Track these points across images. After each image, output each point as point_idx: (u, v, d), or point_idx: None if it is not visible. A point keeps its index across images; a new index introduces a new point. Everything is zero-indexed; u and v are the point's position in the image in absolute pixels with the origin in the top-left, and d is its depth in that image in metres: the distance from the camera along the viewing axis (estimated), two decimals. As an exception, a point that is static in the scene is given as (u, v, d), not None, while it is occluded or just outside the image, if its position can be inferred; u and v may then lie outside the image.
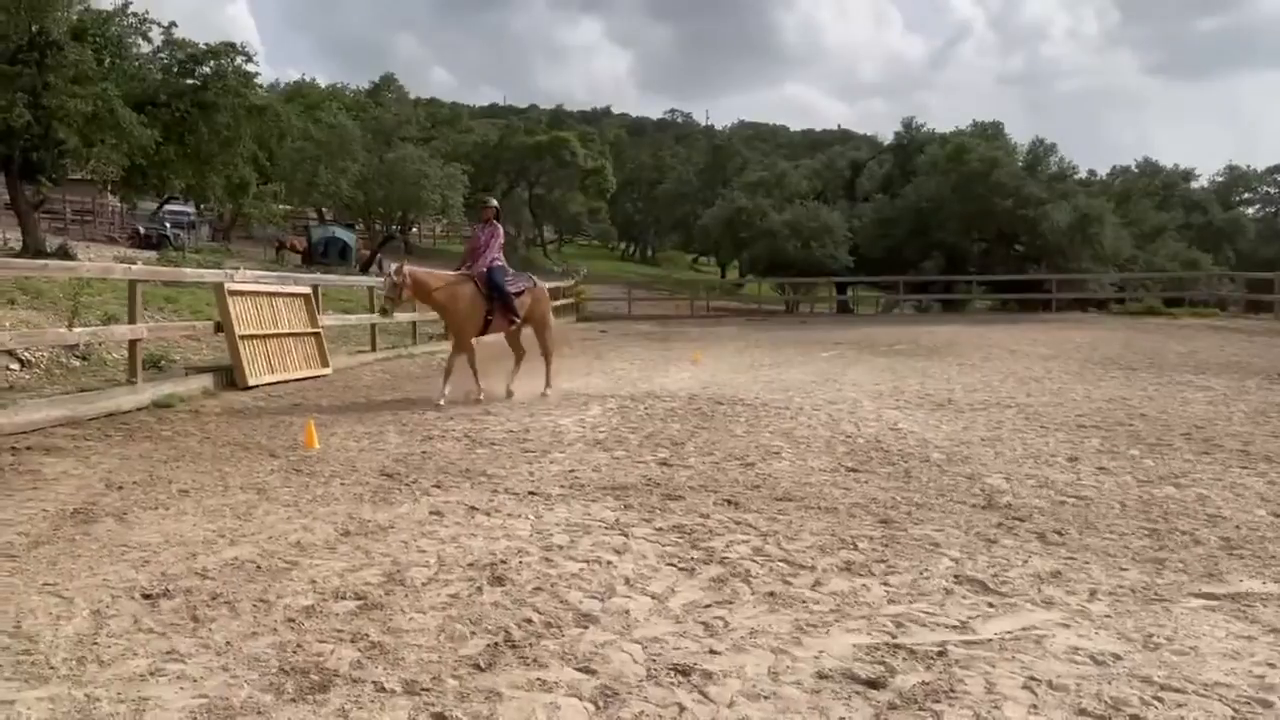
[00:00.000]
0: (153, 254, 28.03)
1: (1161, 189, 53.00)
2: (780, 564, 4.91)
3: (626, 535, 5.41)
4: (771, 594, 4.44)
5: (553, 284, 24.62)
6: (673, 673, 3.51)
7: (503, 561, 4.84)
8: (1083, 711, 3.23)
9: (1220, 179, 63.10)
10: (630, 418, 9.93)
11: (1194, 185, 58.95)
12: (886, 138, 50.71)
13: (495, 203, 12.32)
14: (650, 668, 3.56)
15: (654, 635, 3.89)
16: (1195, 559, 5.11)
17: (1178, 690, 3.41)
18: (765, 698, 3.32)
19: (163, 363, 12.03)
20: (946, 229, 36.37)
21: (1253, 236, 53.76)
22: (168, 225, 40.45)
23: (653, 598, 4.37)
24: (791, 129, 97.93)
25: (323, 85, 54.80)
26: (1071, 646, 3.83)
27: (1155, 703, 3.30)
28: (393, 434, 8.81)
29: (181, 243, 37.09)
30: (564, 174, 60.56)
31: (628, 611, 4.16)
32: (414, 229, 57.28)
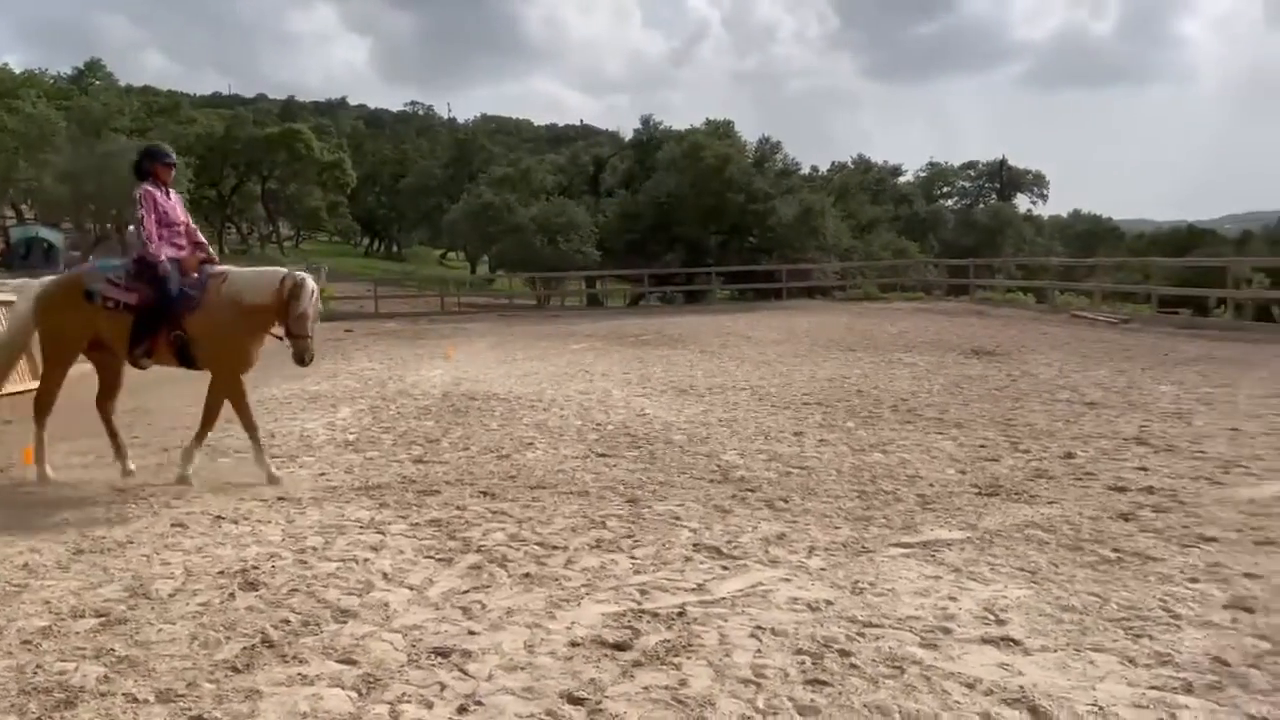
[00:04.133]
0: None
1: (875, 184, 57.75)
2: (535, 547, 5.17)
3: (383, 533, 5.48)
4: (527, 575, 4.69)
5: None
6: (433, 655, 3.68)
7: (254, 567, 4.80)
8: (799, 651, 3.69)
9: (924, 174, 69.56)
10: (382, 417, 9.87)
11: (902, 180, 64.71)
12: (630, 133, 52.23)
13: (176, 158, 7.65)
14: (411, 653, 3.71)
15: (413, 623, 4.04)
16: (896, 514, 5.83)
17: (877, 626, 3.96)
18: (522, 668, 3.56)
19: None
20: (686, 223, 37.98)
21: (952, 227, 59.56)
22: None
23: (411, 589, 4.50)
24: (536, 123, 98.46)
25: (17, 71, 49.53)
26: (792, 597, 4.33)
27: (859, 638, 3.83)
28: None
29: None
30: (299, 167, 57.94)
31: (387, 604, 4.28)
32: (131, 227, 53.04)
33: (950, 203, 66.40)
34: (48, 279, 7.57)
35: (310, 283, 6.79)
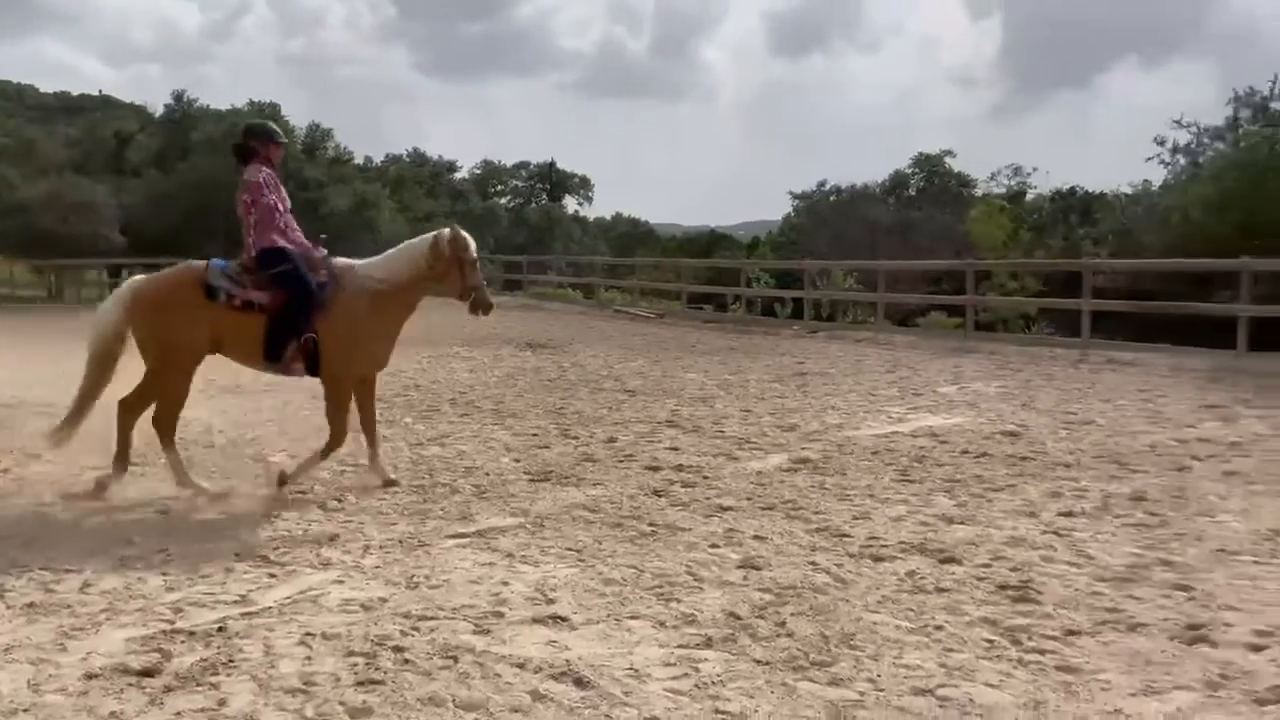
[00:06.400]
0: None
1: (430, 178, 57.99)
2: (41, 572, 4.51)
3: None
4: (31, 605, 4.08)
5: None
6: (-99, 714, 3.06)
7: None
8: (352, 653, 3.58)
9: (478, 172, 71.06)
10: None
11: (457, 176, 65.66)
12: (161, 108, 47.42)
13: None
14: None
15: (-127, 678, 3.32)
16: (453, 506, 5.88)
17: (432, 618, 3.95)
18: (25, 710, 3.08)
19: None
20: (228, 211, 35.42)
21: (506, 224, 61.60)
22: None
23: None
24: (42, 89, 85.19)
25: None
26: (345, 599, 4.19)
27: (413, 632, 3.79)
28: None
29: None
30: None
31: None
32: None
33: (504, 201, 68.51)
34: (139, 277, 6.45)
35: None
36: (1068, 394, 10.50)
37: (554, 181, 70.33)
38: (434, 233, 6.50)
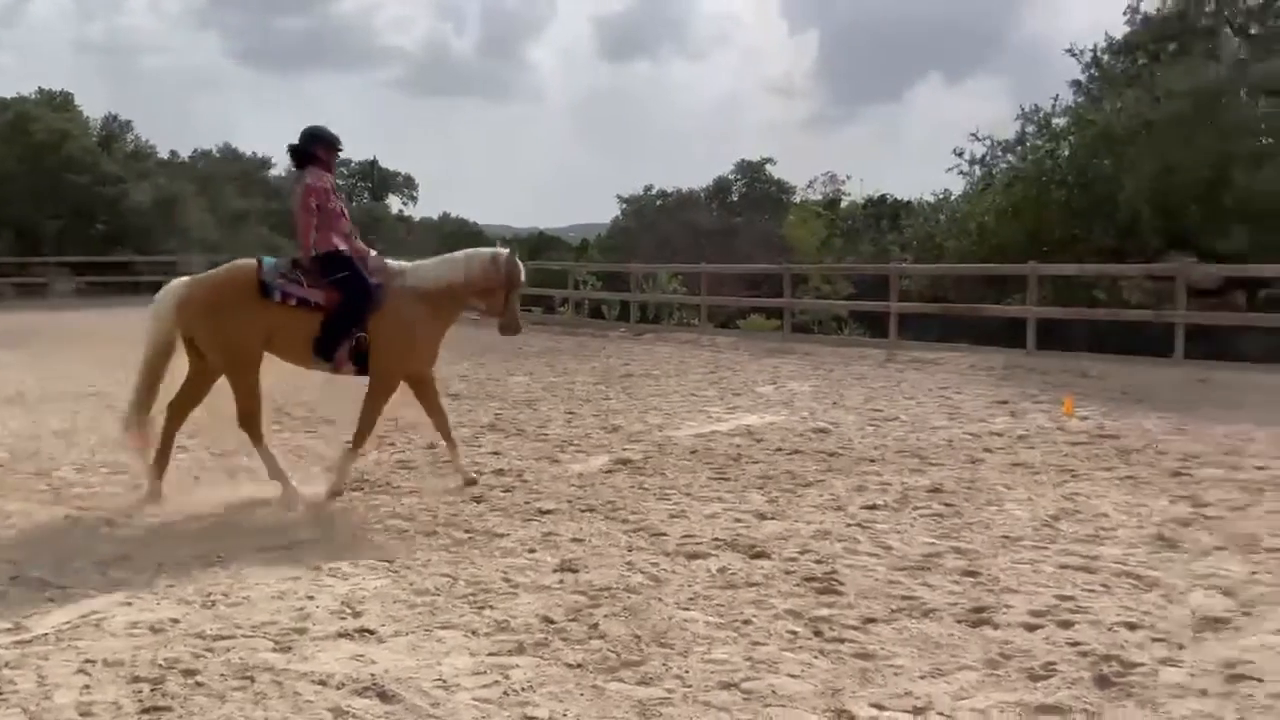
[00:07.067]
0: None
1: (242, 175, 55.24)
2: None
3: None
4: None
5: None
6: None
7: None
8: (137, 679, 3.36)
9: (293, 171, 68.34)
10: None
11: (272, 173, 62.85)
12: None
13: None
14: None
15: None
16: (259, 519, 5.64)
17: (228, 638, 3.75)
18: None
19: None
20: (14, 204, 32.66)
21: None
22: None
23: None
24: None
25: None
26: (131, 622, 3.93)
27: (207, 653, 3.59)
28: None
29: None
30: None
31: None
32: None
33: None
34: (189, 278, 6.34)
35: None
36: (875, 392, 11.02)
37: (376, 180, 68.33)
38: (493, 250, 6.70)
